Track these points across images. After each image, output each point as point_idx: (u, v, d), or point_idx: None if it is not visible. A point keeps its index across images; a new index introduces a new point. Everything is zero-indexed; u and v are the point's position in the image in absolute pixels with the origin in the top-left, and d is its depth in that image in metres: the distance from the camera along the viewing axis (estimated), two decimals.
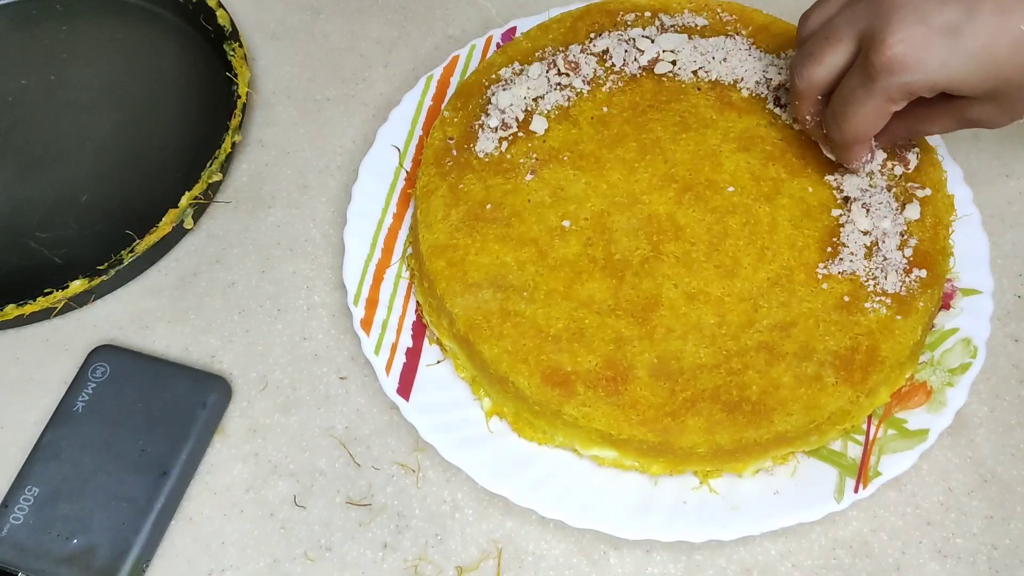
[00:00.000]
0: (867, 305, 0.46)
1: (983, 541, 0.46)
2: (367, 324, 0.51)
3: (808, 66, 0.45)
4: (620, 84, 0.55)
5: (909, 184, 0.50)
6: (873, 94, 0.43)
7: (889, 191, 0.49)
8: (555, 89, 0.54)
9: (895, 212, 0.49)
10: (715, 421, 0.44)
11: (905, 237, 0.48)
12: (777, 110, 0.53)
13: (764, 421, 0.44)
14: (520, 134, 0.53)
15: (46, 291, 0.53)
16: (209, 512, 0.48)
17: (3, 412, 0.52)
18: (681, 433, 0.44)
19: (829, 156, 0.49)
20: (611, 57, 0.55)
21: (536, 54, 0.56)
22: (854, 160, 0.48)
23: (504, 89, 0.54)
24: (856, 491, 0.45)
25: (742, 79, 0.54)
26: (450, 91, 0.59)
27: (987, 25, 0.41)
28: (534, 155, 0.52)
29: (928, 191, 0.50)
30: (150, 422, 0.49)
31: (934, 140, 0.54)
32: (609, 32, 0.56)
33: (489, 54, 0.59)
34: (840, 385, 0.45)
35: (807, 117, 0.48)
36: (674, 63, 0.55)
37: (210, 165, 0.56)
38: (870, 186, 0.50)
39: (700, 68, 0.55)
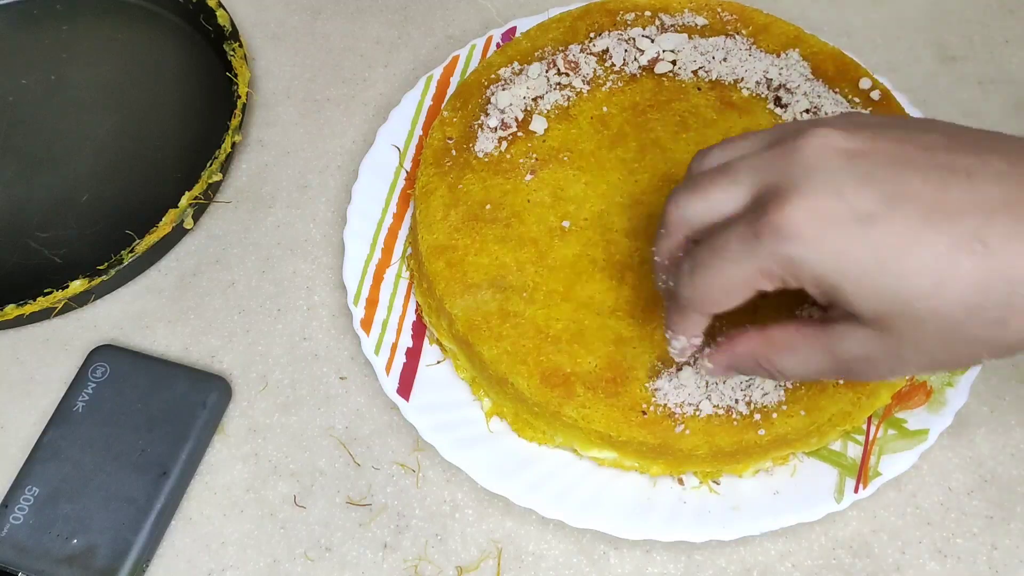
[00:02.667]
0: None
1: (983, 541, 0.46)
2: (367, 324, 0.51)
3: (690, 197, 0.38)
4: (620, 84, 0.55)
5: None
6: (750, 256, 0.35)
7: None
8: (555, 89, 0.54)
9: None
10: (715, 423, 0.44)
11: None
12: (778, 111, 0.53)
13: (765, 423, 0.44)
14: (520, 134, 0.53)
15: (46, 291, 0.53)
16: (209, 512, 0.48)
17: (3, 412, 0.52)
18: (681, 435, 0.44)
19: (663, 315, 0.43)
20: (611, 57, 0.55)
21: (536, 54, 0.56)
22: (684, 331, 0.40)
23: (504, 89, 0.54)
24: (856, 491, 0.45)
25: (742, 79, 0.54)
26: (450, 91, 0.59)
27: (900, 227, 0.33)
28: (534, 155, 0.52)
29: None
30: (150, 422, 0.49)
31: None
32: (609, 32, 0.56)
33: (489, 54, 0.59)
34: (841, 387, 0.45)
35: (665, 257, 0.40)
36: (674, 63, 0.55)
37: (210, 165, 0.56)
38: None
39: (700, 68, 0.55)
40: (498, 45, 0.60)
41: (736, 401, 0.44)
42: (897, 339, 0.34)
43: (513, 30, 0.61)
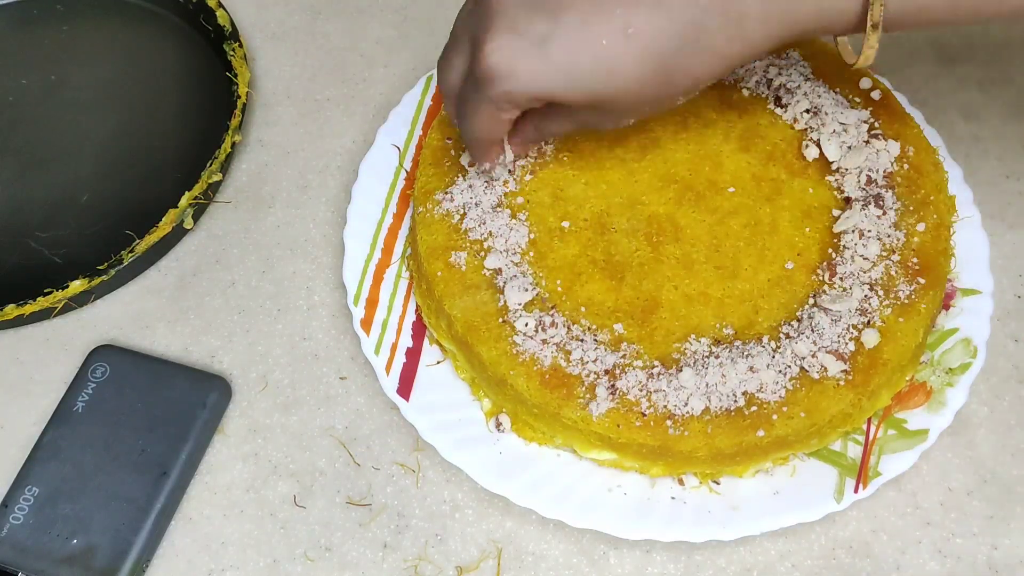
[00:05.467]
0: (869, 307, 0.46)
1: (983, 541, 0.46)
2: (367, 324, 0.51)
3: (443, 68, 0.45)
4: None
5: (911, 185, 0.50)
6: (483, 101, 0.42)
7: (891, 192, 0.49)
8: None
9: (896, 213, 0.49)
10: (715, 425, 0.44)
11: (906, 238, 0.48)
12: (778, 111, 0.53)
13: (765, 425, 0.44)
14: None
15: (46, 291, 0.53)
16: (209, 512, 0.48)
17: (3, 412, 0.52)
18: (681, 437, 0.44)
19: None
20: None
21: None
22: (485, 160, 0.48)
23: None
24: (856, 491, 0.45)
25: (742, 79, 0.54)
26: None
27: (569, 38, 0.40)
28: (533, 155, 0.52)
29: (929, 192, 0.50)
30: (150, 422, 0.49)
31: (935, 141, 0.54)
32: None
33: None
34: (841, 388, 0.45)
35: (451, 116, 0.47)
36: None
37: (210, 165, 0.56)
38: (871, 187, 0.50)
39: None
40: None
41: (736, 403, 0.44)
42: (606, 109, 0.43)
43: None
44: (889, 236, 0.48)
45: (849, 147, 0.50)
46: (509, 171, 0.51)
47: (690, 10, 0.40)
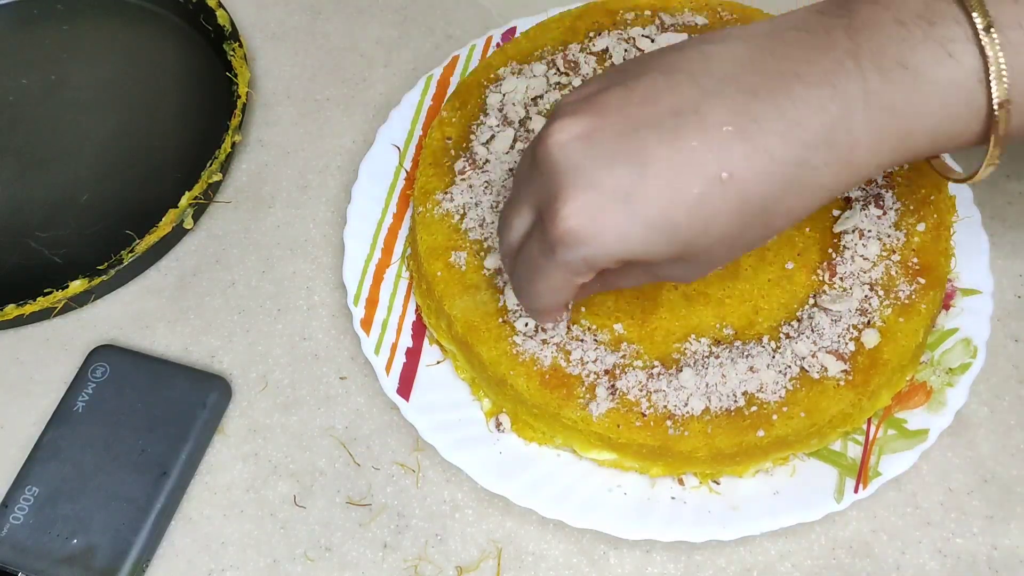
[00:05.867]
0: (869, 307, 0.46)
1: (983, 541, 0.46)
2: (367, 324, 0.51)
3: (503, 231, 0.41)
4: None
5: (911, 185, 0.50)
6: (555, 267, 0.38)
7: (891, 192, 0.49)
8: (554, 89, 0.54)
9: (896, 213, 0.49)
10: (715, 425, 0.44)
11: (907, 238, 0.48)
12: None
13: (765, 425, 0.44)
14: (519, 134, 0.53)
15: (46, 291, 0.53)
16: (209, 512, 0.48)
17: (3, 412, 0.52)
18: (681, 437, 0.44)
19: None
20: (611, 56, 0.55)
21: (535, 54, 0.56)
22: (546, 323, 0.45)
23: (503, 89, 0.54)
24: (856, 491, 0.45)
25: None
26: (450, 91, 0.59)
27: (659, 191, 0.35)
28: None
29: (930, 192, 0.50)
30: (150, 422, 0.49)
31: None
32: (609, 31, 0.56)
33: (489, 54, 0.59)
34: (841, 388, 0.45)
35: (511, 279, 0.43)
36: None
37: (210, 165, 0.56)
38: (871, 186, 0.50)
39: None
40: (498, 45, 0.60)
41: (736, 403, 0.44)
42: (694, 261, 0.38)
43: (513, 30, 0.61)
44: (889, 236, 0.48)
45: None
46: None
47: (793, 148, 0.35)
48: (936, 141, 0.37)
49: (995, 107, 0.35)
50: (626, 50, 0.55)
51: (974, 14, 0.35)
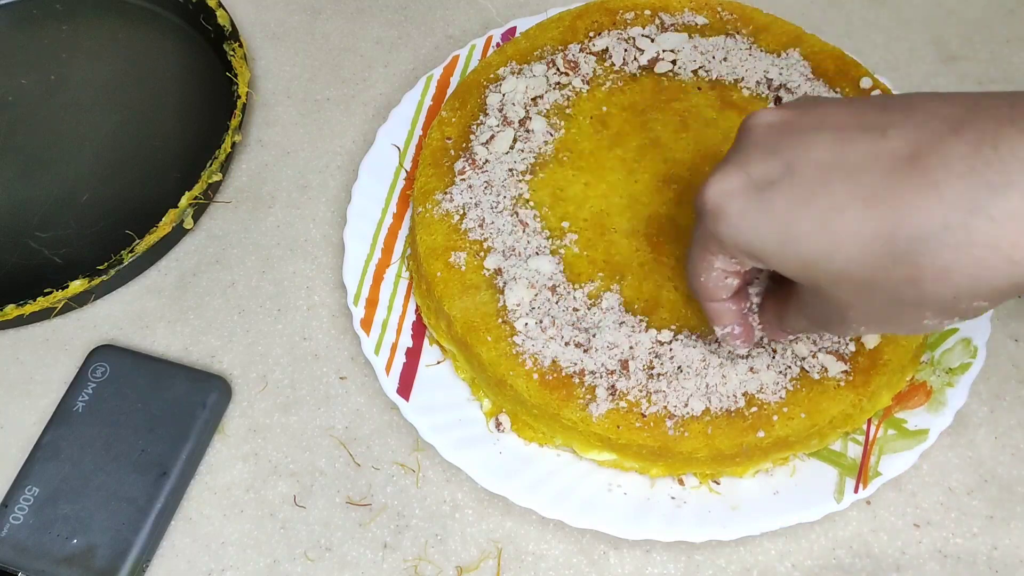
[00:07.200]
0: None
1: (983, 541, 0.46)
2: (367, 324, 0.51)
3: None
4: (620, 83, 0.55)
5: None
6: (699, 241, 0.37)
7: None
8: (554, 88, 0.54)
9: None
10: (715, 425, 0.44)
11: None
12: None
13: (765, 425, 0.44)
14: (519, 134, 0.53)
15: (46, 291, 0.53)
16: (209, 512, 0.48)
17: (3, 412, 0.52)
18: (680, 438, 0.44)
19: None
20: (611, 56, 0.55)
21: (535, 53, 0.56)
22: (715, 323, 0.41)
23: (502, 89, 0.54)
24: (856, 491, 0.45)
25: (743, 79, 0.54)
26: (450, 91, 0.59)
27: (796, 191, 0.33)
28: (533, 155, 0.52)
29: None
30: (150, 422, 0.49)
31: None
32: (608, 31, 0.56)
33: (489, 54, 0.59)
34: (842, 388, 0.45)
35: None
36: (674, 62, 0.55)
37: (210, 165, 0.56)
38: None
39: (700, 67, 0.55)
40: (498, 45, 0.60)
41: (736, 403, 0.44)
42: (824, 300, 0.34)
43: (513, 30, 0.61)
44: None
45: None
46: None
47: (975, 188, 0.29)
48: None
49: None
50: (626, 50, 0.55)
51: None
